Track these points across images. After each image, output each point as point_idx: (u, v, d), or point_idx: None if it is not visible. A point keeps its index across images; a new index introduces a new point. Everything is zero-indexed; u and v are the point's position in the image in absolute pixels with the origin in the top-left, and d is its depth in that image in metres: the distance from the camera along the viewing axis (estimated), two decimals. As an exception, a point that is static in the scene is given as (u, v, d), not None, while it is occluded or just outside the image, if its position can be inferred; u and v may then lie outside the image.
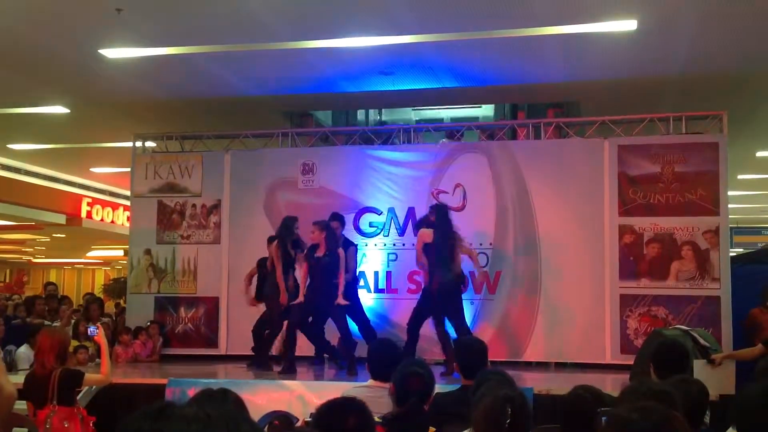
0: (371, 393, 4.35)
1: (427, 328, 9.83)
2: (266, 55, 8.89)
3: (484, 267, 9.77)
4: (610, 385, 7.96)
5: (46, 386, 5.51)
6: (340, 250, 8.60)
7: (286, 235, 8.80)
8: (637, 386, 2.91)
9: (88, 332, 6.42)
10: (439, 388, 4.44)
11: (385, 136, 10.74)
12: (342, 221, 9.27)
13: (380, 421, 3.68)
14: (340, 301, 8.47)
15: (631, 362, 7.95)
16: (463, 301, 9.87)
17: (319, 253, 8.56)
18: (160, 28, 8.11)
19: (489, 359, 4.83)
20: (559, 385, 7.58)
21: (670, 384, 3.33)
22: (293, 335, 8.55)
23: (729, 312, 9.06)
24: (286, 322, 8.65)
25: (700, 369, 6.58)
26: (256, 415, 6.36)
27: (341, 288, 8.50)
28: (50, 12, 7.70)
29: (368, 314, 9.35)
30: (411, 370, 3.97)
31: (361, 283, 9.79)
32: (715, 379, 6.70)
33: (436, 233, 8.37)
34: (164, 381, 7.59)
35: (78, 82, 9.98)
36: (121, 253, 23.67)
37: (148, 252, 10.73)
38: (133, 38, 8.37)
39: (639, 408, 2.03)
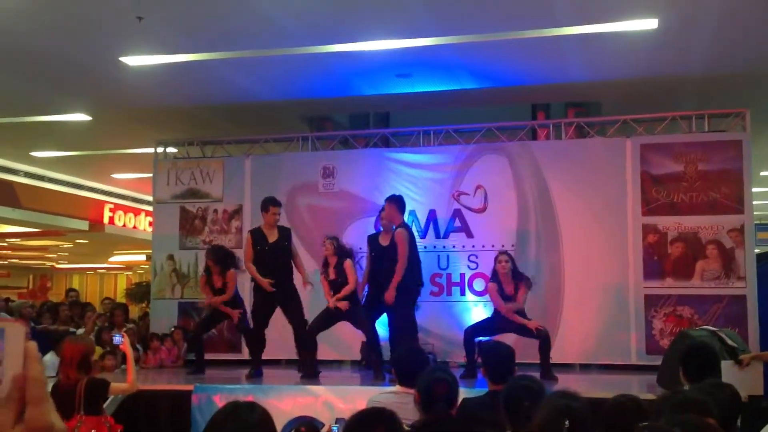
0: (398, 399, 4.35)
1: (452, 331, 9.84)
2: (285, 60, 8.91)
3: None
4: (637, 386, 7.94)
5: (72, 396, 5.49)
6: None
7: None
8: (672, 395, 2.87)
9: (114, 341, 6.37)
10: (465, 392, 4.43)
11: (404, 138, 10.73)
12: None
13: (409, 429, 3.66)
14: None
15: (658, 363, 7.90)
16: (486, 303, 9.90)
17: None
18: (181, 35, 8.16)
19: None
20: (585, 387, 7.52)
21: (704, 391, 3.30)
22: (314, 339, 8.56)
23: (755, 311, 8.97)
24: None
25: (728, 370, 6.52)
26: (281, 420, 6.37)
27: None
28: (72, 21, 7.77)
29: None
30: (435, 377, 3.95)
31: None
32: (744, 380, 6.63)
33: None
34: (190, 387, 7.61)
35: (100, 90, 10.06)
36: (143, 257, 23.83)
37: (171, 257, 10.79)
38: (154, 46, 8.43)
39: (680, 422, 2.01)
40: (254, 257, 8.57)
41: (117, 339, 6.27)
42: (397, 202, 8.72)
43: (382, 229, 8.92)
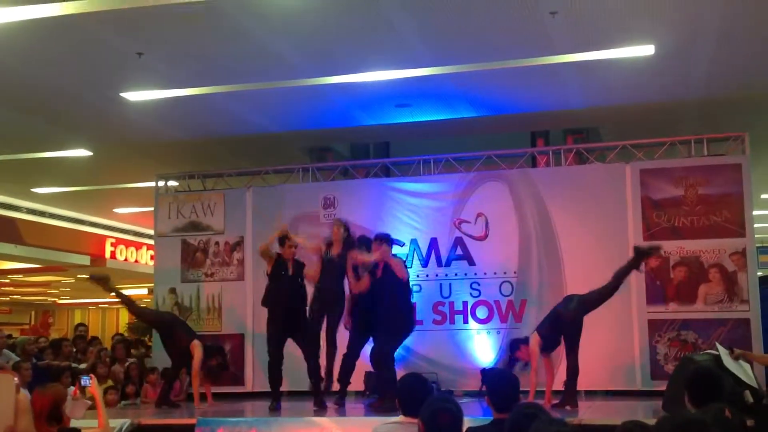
0: (402, 429, 4.31)
1: (455, 359, 9.80)
2: (285, 92, 8.97)
3: (509, 295, 9.79)
4: (642, 412, 7.87)
5: None
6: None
7: None
8: (672, 417, 2.85)
9: (81, 382, 5.84)
10: (469, 421, 4.39)
11: (404, 167, 10.76)
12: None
13: (413, 458, 3.63)
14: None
15: (663, 388, 7.85)
16: (489, 331, 9.87)
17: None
18: (181, 69, 8.22)
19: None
20: (591, 415, 7.49)
21: (708, 414, 3.28)
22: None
23: (759, 334, 8.94)
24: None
25: (726, 356, 6.94)
26: (286, 453, 6.30)
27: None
28: (72, 58, 7.84)
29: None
30: (439, 406, 3.91)
31: None
32: (739, 368, 6.86)
33: None
34: (193, 421, 7.55)
35: (100, 126, 10.13)
36: (144, 291, 23.78)
37: (173, 291, 10.78)
38: (154, 80, 8.49)
39: None
40: (274, 279, 8.59)
41: (85, 380, 5.83)
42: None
43: None
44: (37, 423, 5.11)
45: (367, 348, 8.54)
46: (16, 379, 6.15)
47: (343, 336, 8.56)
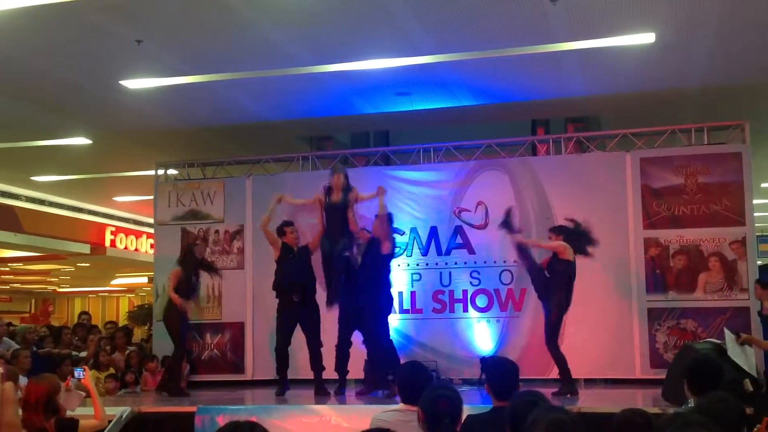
0: (402, 417, 4.32)
1: (454, 347, 9.82)
2: (285, 80, 8.95)
3: (509, 284, 9.79)
4: (641, 400, 7.91)
5: None
6: None
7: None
8: (672, 418, 2.84)
9: (75, 375, 5.67)
10: (469, 409, 4.40)
11: (404, 156, 10.74)
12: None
13: (413, 446, 3.64)
14: None
15: (662, 377, 7.88)
16: (489, 320, 9.88)
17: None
18: (180, 57, 8.20)
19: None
20: (590, 402, 7.51)
21: (707, 407, 3.29)
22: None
23: (759, 322, 8.94)
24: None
25: (731, 341, 7.14)
26: (285, 441, 6.33)
27: None
28: (72, 46, 7.81)
29: (395, 335, 9.25)
30: (438, 393, 3.92)
31: None
32: (743, 355, 6.88)
33: None
34: (193, 409, 7.57)
35: (100, 114, 10.10)
36: (145, 279, 23.85)
37: (173, 279, 10.75)
38: (153, 68, 8.46)
39: None
40: (282, 261, 8.91)
41: (78, 373, 5.75)
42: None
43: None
44: (33, 413, 5.08)
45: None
46: (0, 369, 6.11)
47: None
